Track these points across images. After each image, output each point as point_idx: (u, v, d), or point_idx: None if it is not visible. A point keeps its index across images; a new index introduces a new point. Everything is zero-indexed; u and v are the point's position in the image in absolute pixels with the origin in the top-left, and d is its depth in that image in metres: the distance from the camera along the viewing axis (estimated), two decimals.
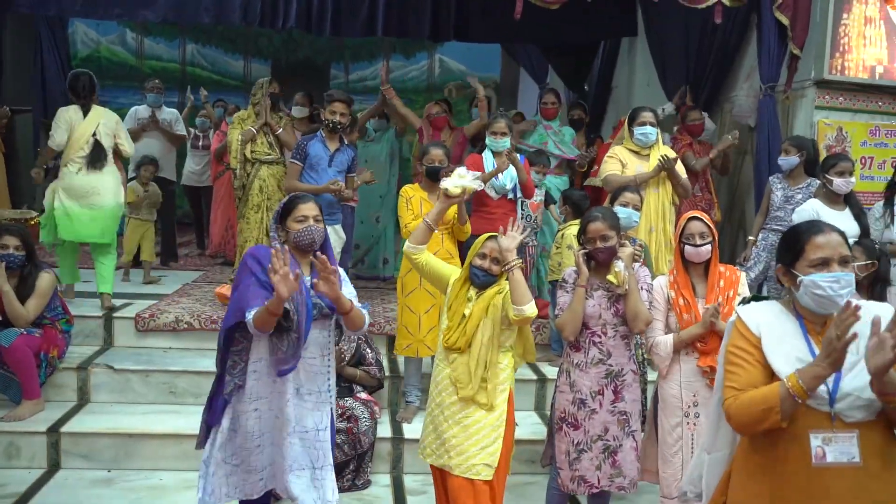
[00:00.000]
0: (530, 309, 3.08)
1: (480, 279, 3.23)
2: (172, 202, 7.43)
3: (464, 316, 3.23)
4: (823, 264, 2.15)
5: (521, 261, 3.16)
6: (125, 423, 4.40)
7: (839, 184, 4.72)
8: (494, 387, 3.19)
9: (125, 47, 11.60)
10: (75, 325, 4.85)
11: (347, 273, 3.42)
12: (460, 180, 3.44)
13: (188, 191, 8.40)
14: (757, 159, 5.91)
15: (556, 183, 6.22)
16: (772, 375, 2.15)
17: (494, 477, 3.19)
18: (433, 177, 4.50)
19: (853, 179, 4.79)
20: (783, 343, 2.18)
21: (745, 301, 2.45)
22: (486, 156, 5.05)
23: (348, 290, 3.10)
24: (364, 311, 3.09)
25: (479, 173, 3.55)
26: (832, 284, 2.12)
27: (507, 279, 3.16)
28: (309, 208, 3.05)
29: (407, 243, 3.41)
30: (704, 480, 2.46)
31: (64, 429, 4.28)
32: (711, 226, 3.49)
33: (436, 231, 3.48)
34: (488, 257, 3.21)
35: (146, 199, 6.64)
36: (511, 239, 3.15)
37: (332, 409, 3.17)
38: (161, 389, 4.73)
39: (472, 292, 3.27)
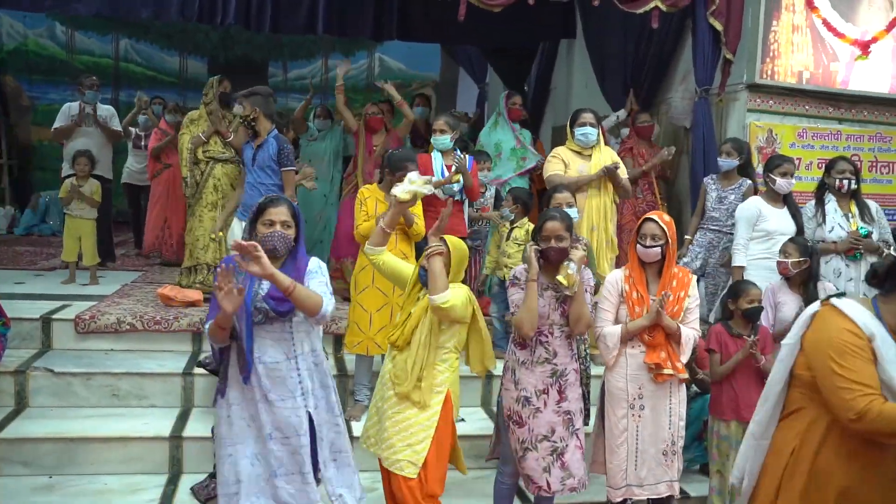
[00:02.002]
0: (440, 299, 3.14)
1: (423, 279, 3.31)
2: (109, 201, 7.25)
3: (410, 314, 3.32)
4: None
5: (440, 248, 3.24)
6: (67, 427, 4.29)
7: (782, 184, 4.96)
8: (430, 386, 3.25)
9: (54, 41, 11.24)
10: (11, 328, 4.71)
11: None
12: (410, 185, 3.51)
13: (128, 189, 8.24)
14: (692, 160, 6.12)
15: (520, 184, 6.27)
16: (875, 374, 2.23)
17: (427, 476, 3.24)
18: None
19: (793, 181, 5.04)
20: (889, 349, 2.26)
21: (836, 295, 2.43)
22: (435, 156, 5.10)
23: (317, 281, 3.07)
24: (325, 297, 3.02)
25: (430, 177, 3.61)
26: None
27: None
28: (278, 213, 3.03)
29: (366, 245, 3.48)
30: (749, 466, 2.53)
31: (1, 435, 4.16)
32: (667, 228, 3.58)
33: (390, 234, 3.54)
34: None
35: (78, 195, 6.41)
36: (436, 227, 3.31)
37: (309, 412, 3.12)
38: (104, 392, 4.63)
39: (423, 293, 3.34)
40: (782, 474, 2.42)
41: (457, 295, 3.22)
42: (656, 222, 3.57)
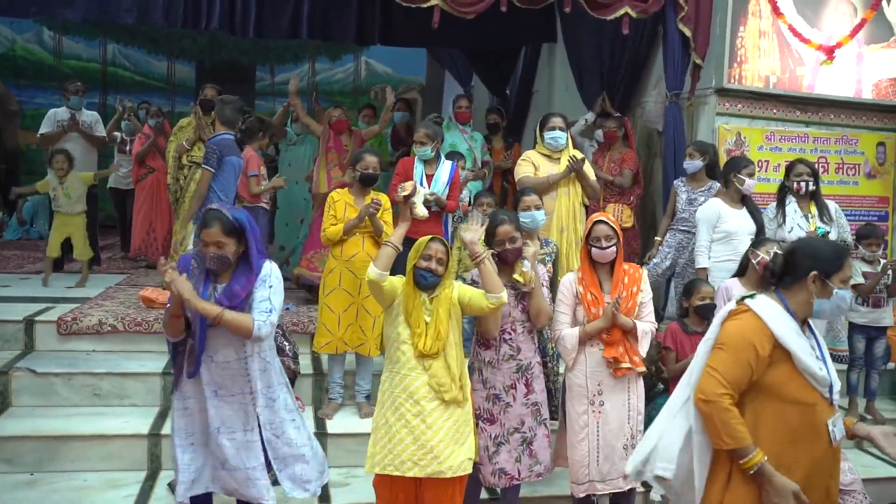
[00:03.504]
0: (505, 296, 3.30)
1: (428, 280, 3.32)
2: (95, 205, 7.35)
3: (426, 322, 3.30)
4: (845, 282, 2.59)
5: (490, 251, 3.36)
6: (48, 426, 4.40)
7: (750, 184, 5.08)
8: (466, 381, 3.39)
9: (42, 46, 11.35)
10: None
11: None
12: (420, 196, 3.61)
13: (114, 193, 8.34)
14: (664, 162, 6.25)
15: (474, 186, 6.41)
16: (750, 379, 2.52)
17: None
18: (368, 182, 4.66)
19: (755, 181, 5.18)
20: (802, 342, 2.54)
21: (750, 295, 2.68)
22: (417, 162, 5.19)
23: (260, 295, 3.11)
24: (260, 318, 3.07)
25: (428, 189, 3.72)
26: (847, 301, 2.63)
27: (455, 277, 3.40)
28: (209, 234, 3.10)
29: (373, 269, 3.32)
30: (696, 463, 2.64)
31: None
32: (616, 228, 3.72)
33: (385, 239, 3.58)
34: (433, 258, 3.32)
35: (63, 189, 6.46)
36: (473, 232, 3.35)
37: (258, 411, 3.21)
38: (85, 392, 4.74)
39: (425, 297, 3.34)
40: (730, 468, 2.57)
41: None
42: (607, 223, 3.69)
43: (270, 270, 3.18)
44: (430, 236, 3.41)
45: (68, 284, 6.50)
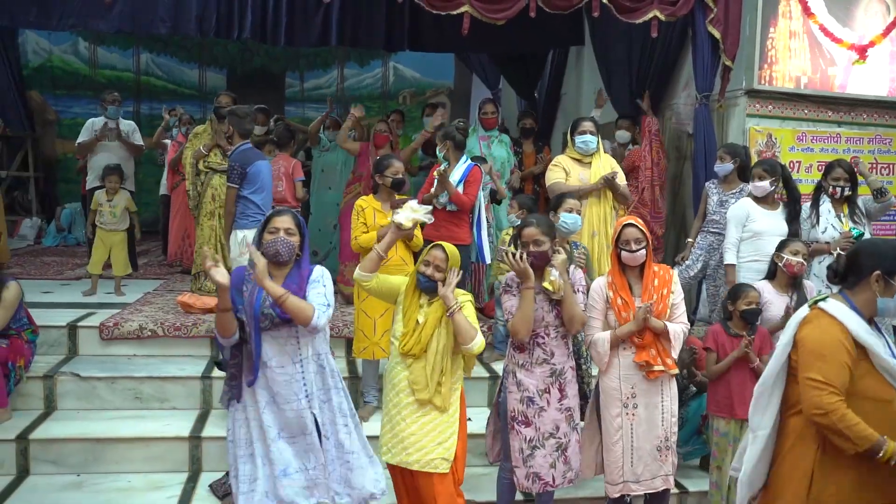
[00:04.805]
0: (476, 346, 3.35)
1: (423, 285, 3.46)
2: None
3: (417, 322, 3.42)
4: None
5: (458, 306, 3.38)
6: (92, 428, 4.52)
7: (759, 186, 5.04)
8: (449, 388, 3.43)
9: (78, 56, 11.57)
10: (40, 335, 4.95)
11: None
12: (413, 214, 3.69)
13: (165, 200, 8.43)
14: (694, 164, 6.24)
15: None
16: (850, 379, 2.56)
17: (454, 469, 3.42)
18: (397, 187, 4.75)
19: (763, 184, 5.12)
20: (875, 339, 2.61)
21: (822, 298, 2.75)
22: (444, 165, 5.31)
23: (316, 292, 3.22)
24: (319, 309, 3.16)
25: (430, 207, 3.80)
26: None
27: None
28: (281, 221, 3.23)
29: (357, 271, 3.60)
30: (748, 457, 2.76)
31: (32, 436, 4.38)
32: (646, 231, 3.74)
33: (385, 258, 3.68)
34: (431, 265, 3.43)
35: (110, 207, 6.55)
36: (447, 286, 3.39)
37: (315, 414, 3.29)
38: (127, 395, 4.85)
39: (424, 299, 3.49)
40: (813, 463, 2.64)
41: (473, 316, 3.42)
42: (636, 226, 3.70)
43: (322, 273, 3.33)
44: (434, 243, 3.52)
45: (108, 290, 6.63)
